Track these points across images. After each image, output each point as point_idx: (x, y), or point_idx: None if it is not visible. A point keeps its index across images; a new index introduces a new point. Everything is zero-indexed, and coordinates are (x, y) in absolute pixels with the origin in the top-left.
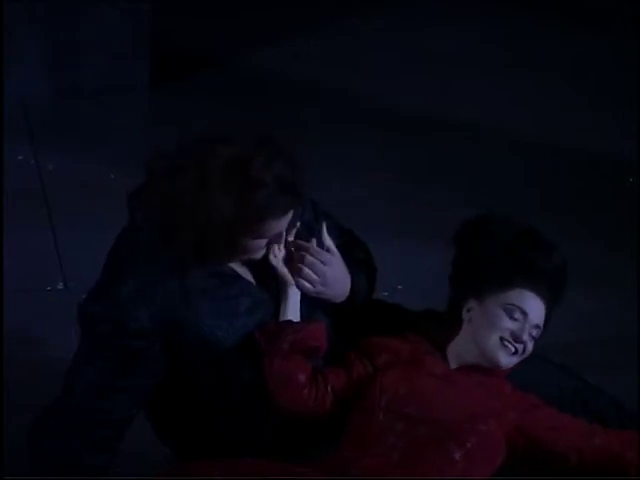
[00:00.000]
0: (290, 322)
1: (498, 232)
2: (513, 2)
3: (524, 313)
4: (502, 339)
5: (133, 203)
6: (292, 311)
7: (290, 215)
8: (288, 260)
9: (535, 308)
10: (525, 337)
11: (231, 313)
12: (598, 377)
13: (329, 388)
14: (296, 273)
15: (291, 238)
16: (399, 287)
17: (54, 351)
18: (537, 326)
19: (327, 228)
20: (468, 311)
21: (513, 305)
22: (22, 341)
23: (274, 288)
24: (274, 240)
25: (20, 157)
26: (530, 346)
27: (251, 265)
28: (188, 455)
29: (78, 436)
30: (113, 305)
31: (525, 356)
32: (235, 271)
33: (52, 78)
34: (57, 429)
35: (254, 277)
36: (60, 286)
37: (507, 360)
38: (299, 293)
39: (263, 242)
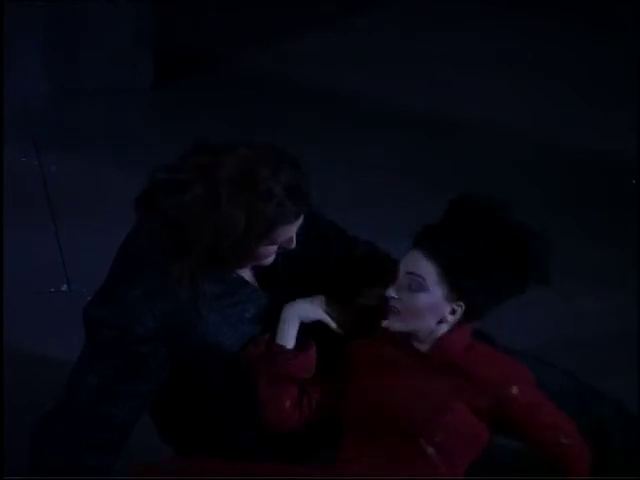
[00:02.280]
0: (283, 348)
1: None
2: (513, 2)
3: None
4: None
5: (140, 208)
6: (291, 338)
7: (300, 219)
8: None
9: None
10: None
11: (237, 320)
12: (598, 377)
13: (314, 408)
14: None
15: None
16: None
17: (56, 353)
18: (410, 273)
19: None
20: None
21: None
22: (24, 342)
23: (284, 295)
24: (285, 245)
25: (23, 159)
26: (410, 298)
27: (257, 271)
28: (191, 455)
29: (80, 439)
30: (119, 310)
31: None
32: (242, 277)
33: (54, 78)
34: (59, 432)
35: (260, 283)
36: (64, 288)
37: (389, 321)
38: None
39: (273, 248)
